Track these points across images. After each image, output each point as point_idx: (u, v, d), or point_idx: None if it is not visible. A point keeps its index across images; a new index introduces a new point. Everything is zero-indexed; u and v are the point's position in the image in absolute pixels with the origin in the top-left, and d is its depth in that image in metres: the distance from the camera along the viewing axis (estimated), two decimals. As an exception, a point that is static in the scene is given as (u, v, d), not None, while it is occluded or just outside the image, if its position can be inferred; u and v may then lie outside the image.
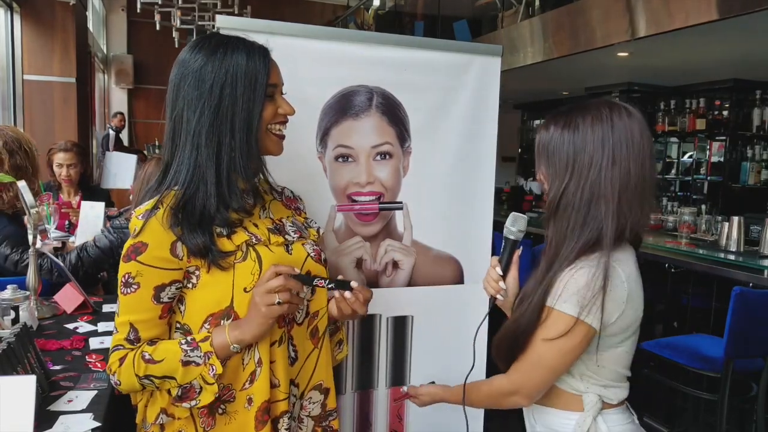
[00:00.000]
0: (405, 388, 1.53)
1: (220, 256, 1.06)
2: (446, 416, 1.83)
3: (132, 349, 1.07)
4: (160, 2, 6.01)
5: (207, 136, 1.05)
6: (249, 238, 1.10)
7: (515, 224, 1.27)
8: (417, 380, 1.83)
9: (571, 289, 1.10)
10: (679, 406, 3.35)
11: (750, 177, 5.91)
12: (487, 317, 1.38)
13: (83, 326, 1.84)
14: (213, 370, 1.04)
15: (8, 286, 1.80)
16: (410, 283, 1.79)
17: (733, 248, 3.50)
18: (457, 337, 1.87)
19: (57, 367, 1.49)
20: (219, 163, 1.06)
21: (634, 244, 1.19)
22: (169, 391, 1.07)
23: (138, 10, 6.01)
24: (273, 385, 1.11)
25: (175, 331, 1.11)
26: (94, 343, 1.68)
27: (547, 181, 1.19)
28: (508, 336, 1.19)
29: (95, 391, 1.34)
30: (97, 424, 1.19)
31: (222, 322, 1.08)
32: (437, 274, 1.82)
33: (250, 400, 1.09)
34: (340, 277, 1.20)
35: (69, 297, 2.03)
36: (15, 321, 1.72)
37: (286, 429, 1.13)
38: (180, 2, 6.10)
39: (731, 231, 3.54)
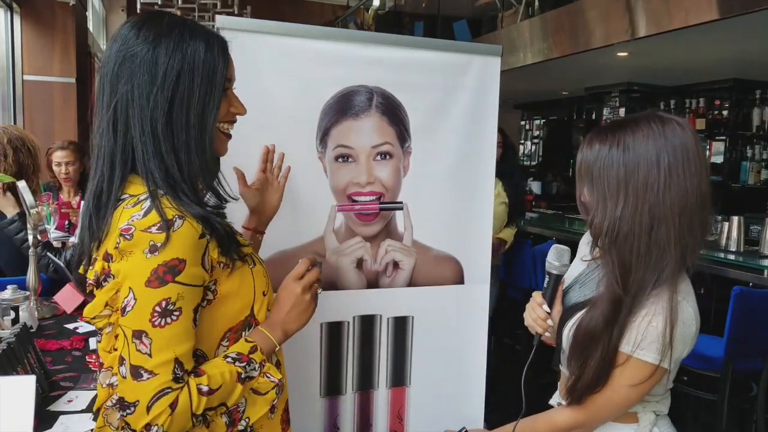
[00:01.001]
0: None
1: (242, 253, 1.00)
2: (446, 416, 1.83)
3: (179, 388, 0.89)
4: (159, 2, 6.01)
5: (164, 130, 0.92)
6: (248, 243, 1.05)
7: (560, 259, 1.21)
8: (417, 381, 1.84)
9: (650, 338, 1.05)
10: (679, 406, 3.35)
11: (750, 177, 5.91)
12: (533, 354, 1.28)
13: (83, 326, 1.84)
14: (270, 377, 0.98)
15: (8, 286, 1.80)
16: (410, 283, 1.79)
17: (733, 248, 3.50)
18: (458, 338, 1.88)
19: (57, 367, 1.49)
20: (179, 161, 0.94)
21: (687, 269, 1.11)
22: (207, 424, 0.95)
23: (138, 11, 6.01)
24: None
25: None
26: (94, 343, 1.68)
27: (593, 205, 1.11)
28: (586, 384, 1.13)
29: (95, 391, 1.34)
30: (97, 424, 1.19)
31: (243, 334, 1.01)
32: (437, 274, 1.82)
33: (272, 408, 1.03)
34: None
35: (69, 297, 2.03)
36: (15, 321, 1.72)
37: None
38: (180, 2, 6.10)
39: (731, 231, 3.54)
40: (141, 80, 0.92)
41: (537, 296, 1.24)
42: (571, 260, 1.26)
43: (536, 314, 1.22)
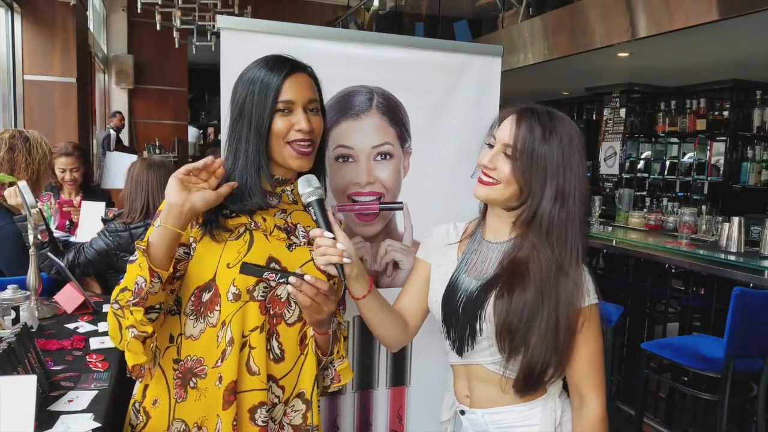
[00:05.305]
0: None
1: (217, 228, 1.14)
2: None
3: None
4: (160, 2, 6.01)
5: (229, 137, 1.21)
6: (249, 223, 1.17)
7: (309, 185, 1.18)
8: (417, 381, 1.84)
9: (588, 283, 1.20)
10: (679, 407, 3.36)
11: (750, 177, 5.91)
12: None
13: (83, 326, 1.84)
14: (135, 254, 1.09)
15: (8, 286, 1.80)
16: (410, 283, 1.78)
17: (733, 249, 3.49)
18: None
19: (57, 367, 1.49)
20: (236, 151, 1.18)
21: None
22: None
23: (138, 11, 6.01)
24: (252, 372, 1.14)
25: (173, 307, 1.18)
26: (95, 343, 1.68)
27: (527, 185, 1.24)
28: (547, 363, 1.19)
29: (96, 391, 1.34)
30: (98, 424, 1.19)
31: (203, 295, 1.15)
32: (437, 274, 1.82)
33: (221, 378, 1.13)
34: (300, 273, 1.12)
35: (69, 297, 2.03)
36: (15, 321, 1.72)
37: (263, 422, 1.15)
38: (180, 2, 6.10)
39: (731, 231, 3.53)
40: (230, 106, 1.22)
41: (313, 231, 1.17)
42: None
43: (323, 245, 1.14)
